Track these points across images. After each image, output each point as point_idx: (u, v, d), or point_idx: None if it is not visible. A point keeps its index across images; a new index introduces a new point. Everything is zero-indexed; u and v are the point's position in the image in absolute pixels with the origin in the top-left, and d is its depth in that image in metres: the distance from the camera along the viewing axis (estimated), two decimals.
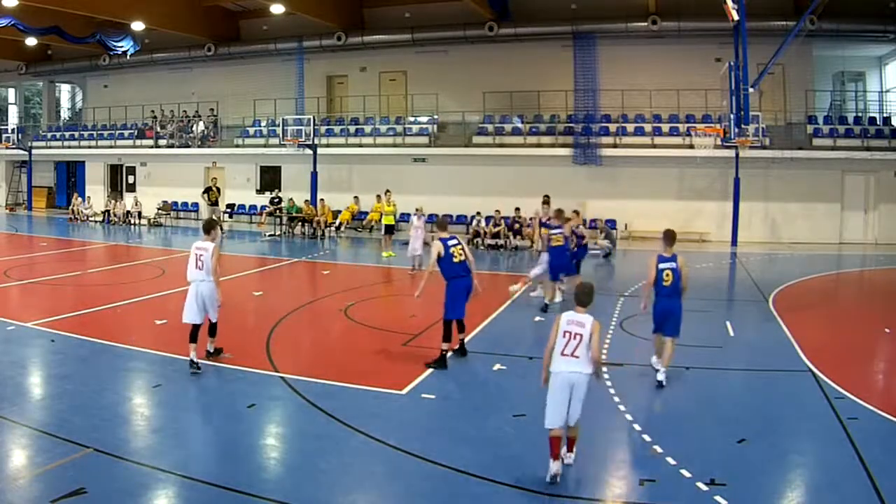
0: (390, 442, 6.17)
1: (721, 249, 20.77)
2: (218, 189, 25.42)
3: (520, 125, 24.71)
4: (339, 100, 28.95)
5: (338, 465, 5.81)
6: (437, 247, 8.65)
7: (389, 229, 19.47)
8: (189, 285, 8.13)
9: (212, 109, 29.33)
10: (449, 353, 8.50)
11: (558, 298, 12.19)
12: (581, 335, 5.47)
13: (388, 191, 20.22)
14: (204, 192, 25.22)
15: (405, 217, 25.14)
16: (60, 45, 29.65)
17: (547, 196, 16.87)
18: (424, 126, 25.99)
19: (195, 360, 7.99)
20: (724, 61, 19.68)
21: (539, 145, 24.16)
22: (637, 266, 18.12)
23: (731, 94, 18.59)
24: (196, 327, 8.07)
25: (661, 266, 8.02)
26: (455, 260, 8.59)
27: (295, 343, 9.95)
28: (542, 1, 24.85)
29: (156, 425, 6.62)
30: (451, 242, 8.70)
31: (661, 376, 7.91)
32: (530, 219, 18.94)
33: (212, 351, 8.51)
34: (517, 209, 21.77)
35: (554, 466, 5.44)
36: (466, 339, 9.21)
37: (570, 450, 5.77)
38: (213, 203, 24.62)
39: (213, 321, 8.26)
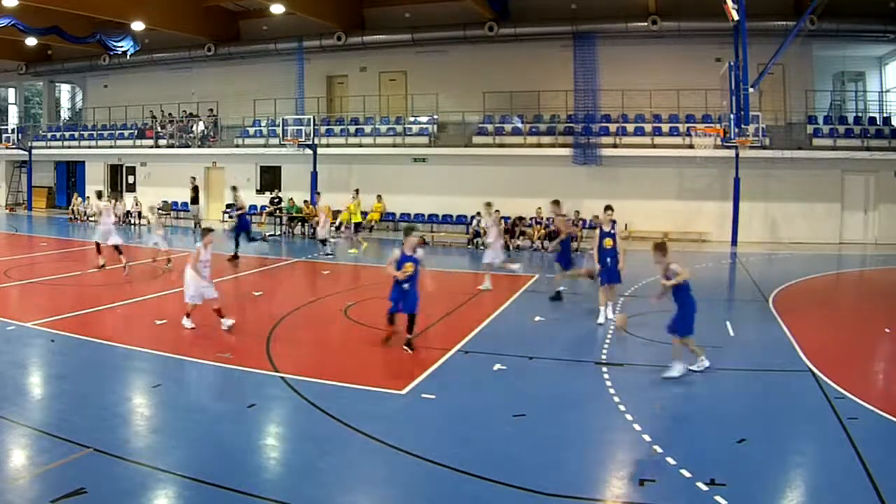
0: (390, 442, 6.17)
1: (721, 249, 20.77)
2: (196, 188, 25.90)
3: (520, 125, 24.70)
4: (339, 100, 28.95)
5: (338, 465, 5.81)
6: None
7: (357, 227, 20.86)
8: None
9: (211, 109, 29.31)
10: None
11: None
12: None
13: (357, 190, 21.21)
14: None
15: (400, 216, 25.20)
16: (60, 45, 29.63)
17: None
18: (424, 126, 25.98)
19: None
20: (724, 61, 19.66)
21: (539, 145, 24.15)
22: (638, 266, 18.10)
23: (731, 94, 18.57)
24: None
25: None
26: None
27: (295, 343, 9.94)
28: (541, 1, 24.84)
29: (156, 425, 6.62)
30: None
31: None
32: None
33: None
34: (511, 221, 21.90)
35: (188, 322, 9.88)
36: (466, 339, 9.32)
37: (221, 316, 9.79)
38: (194, 201, 25.70)
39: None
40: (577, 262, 13.18)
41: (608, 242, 10.99)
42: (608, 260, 10.91)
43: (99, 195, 19.33)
